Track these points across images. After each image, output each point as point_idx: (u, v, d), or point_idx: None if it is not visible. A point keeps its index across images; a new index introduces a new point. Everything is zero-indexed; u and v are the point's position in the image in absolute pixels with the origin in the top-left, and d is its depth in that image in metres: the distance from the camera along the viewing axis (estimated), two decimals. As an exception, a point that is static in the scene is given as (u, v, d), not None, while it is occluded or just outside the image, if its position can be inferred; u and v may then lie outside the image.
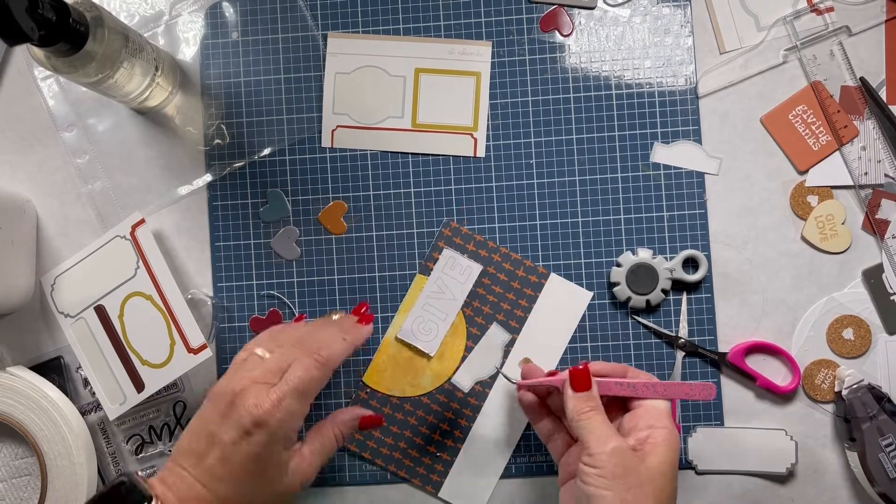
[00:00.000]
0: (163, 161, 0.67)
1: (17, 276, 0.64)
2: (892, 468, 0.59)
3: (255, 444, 0.47)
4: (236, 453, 0.47)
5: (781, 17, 0.64)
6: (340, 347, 0.53)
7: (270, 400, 0.48)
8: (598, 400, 0.51)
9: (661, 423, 0.50)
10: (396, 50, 0.66)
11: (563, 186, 0.65)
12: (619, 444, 0.48)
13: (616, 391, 0.53)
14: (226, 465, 0.48)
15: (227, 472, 0.48)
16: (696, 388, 0.53)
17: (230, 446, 0.48)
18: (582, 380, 0.52)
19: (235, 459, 0.47)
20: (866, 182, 0.64)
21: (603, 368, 0.54)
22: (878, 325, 0.64)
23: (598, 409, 0.51)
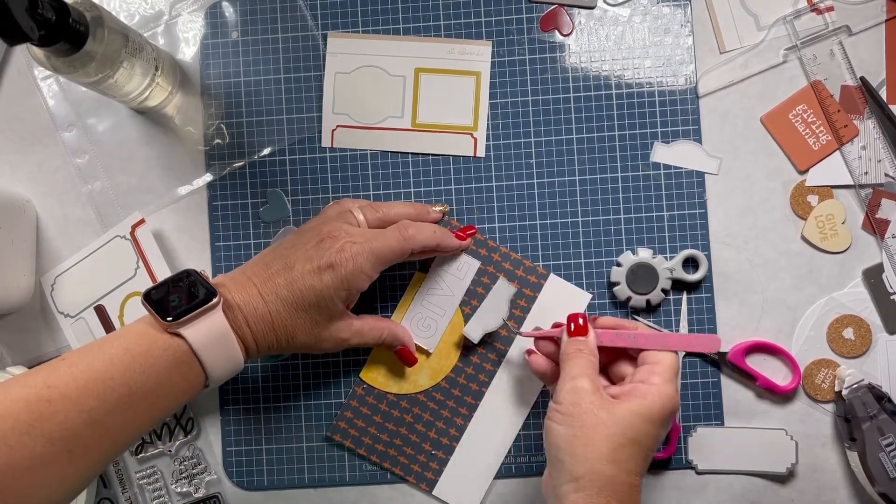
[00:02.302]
0: (163, 161, 0.67)
1: (17, 276, 0.64)
2: (892, 468, 0.59)
3: (323, 281, 0.52)
4: (304, 283, 0.52)
5: (781, 17, 0.64)
6: (427, 236, 0.58)
7: (351, 251, 0.53)
8: (590, 346, 0.53)
9: (653, 380, 0.50)
10: (396, 50, 0.66)
11: (563, 186, 0.65)
12: (581, 383, 0.50)
13: (616, 341, 0.53)
14: (291, 289, 0.52)
15: (289, 295, 0.52)
16: (700, 339, 0.54)
17: (302, 275, 0.53)
18: (577, 326, 0.54)
19: (301, 287, 0.52)
20: (866, 182, 0.64)
21: (611, 322, 0.56)
22: (879, 325, 0.64)
23: (586, 353, 0.52)
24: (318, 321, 0.54)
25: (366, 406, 0.65)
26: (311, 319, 0.53)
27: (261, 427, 0.66)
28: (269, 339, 0.53)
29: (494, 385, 0.65)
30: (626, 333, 0.53)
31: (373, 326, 0.59)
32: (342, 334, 0.56)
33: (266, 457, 0.66)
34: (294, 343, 0.54)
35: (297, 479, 0.66)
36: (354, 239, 0.54)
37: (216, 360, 0.49)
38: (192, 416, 0.66)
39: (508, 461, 0.65)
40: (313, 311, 0.53)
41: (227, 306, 0.51)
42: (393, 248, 0.55)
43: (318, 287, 0.52)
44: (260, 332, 0.52)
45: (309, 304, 0.53)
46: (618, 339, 0.53)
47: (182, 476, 0.66)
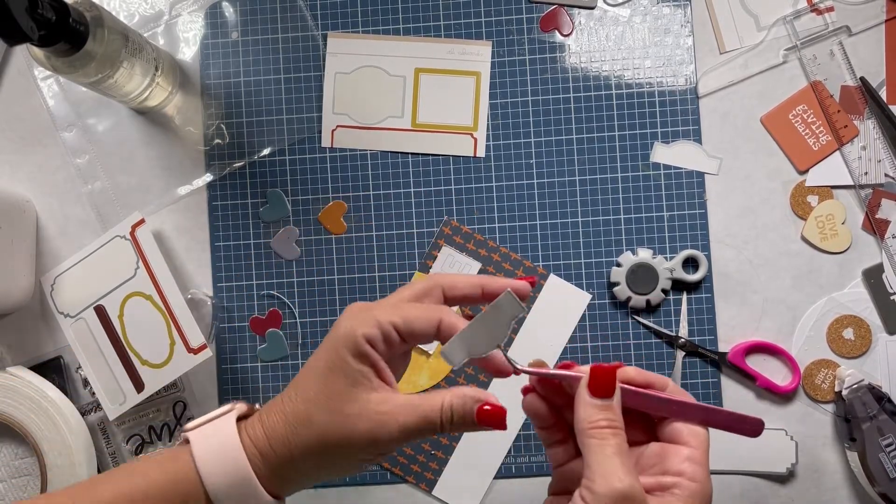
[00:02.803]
0: (163, 161, 0.67)
1: (17, 276, 0.64)
2: (892, 468, 0.59)
3: (330, 341, 0.41)
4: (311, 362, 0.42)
5: (781, 17, 0.64)
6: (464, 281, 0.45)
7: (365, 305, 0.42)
8: (618, 413, 0.40)
9: (695, 472, 0.39)
10: (396, 50, 0.66)
11: (563, 186, 0.65)
12: (629, 487, 0.37)
13: (645, 405, 0.41)
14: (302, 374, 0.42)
15: (300, 379, 0.42)
16: (746, 420, 0.43)
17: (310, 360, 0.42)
18: (604, 382, 0.40)
19: (311, 360, 0.42)
20: (866, 182, 0.64)
21: (639, 377, 0.42)
22: (879, 325, 0.64)
23: (617, 426, 0.39)
24: (336, 388, 0.40)
25: None
26: (326, 387, 0.40)
27: (261, 427, 0.66)
28: (279, 432, 0.41)
29: (494, 384, 0.65)
30: (658, 397, 0.41)
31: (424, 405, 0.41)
32: (380, 407, 0.40)
33: (266, 457, 0.66)
34: (312, 428, 0.40)
35: (297, 480, 0.66)
36: None
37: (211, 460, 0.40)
38: (192, 416, 0.66)
39: (508, 461, 0.65)
40: (328, 375, 0.40)
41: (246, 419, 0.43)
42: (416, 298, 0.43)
43: (324, 348, 0.41)
44: (270, 424, 0.41)
45: (320, 370, 0.41)
46: (648, 402, 0.41)
47: (182, 476, 0.66)
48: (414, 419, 0.40)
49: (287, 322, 0.66)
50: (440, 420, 0.40)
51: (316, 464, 0.41)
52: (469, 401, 0.40)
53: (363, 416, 0.39)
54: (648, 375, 0.42)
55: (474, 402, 0.40)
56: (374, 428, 0.39)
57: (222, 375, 0.66)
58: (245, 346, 0.66)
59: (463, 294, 0.44)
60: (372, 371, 0.40)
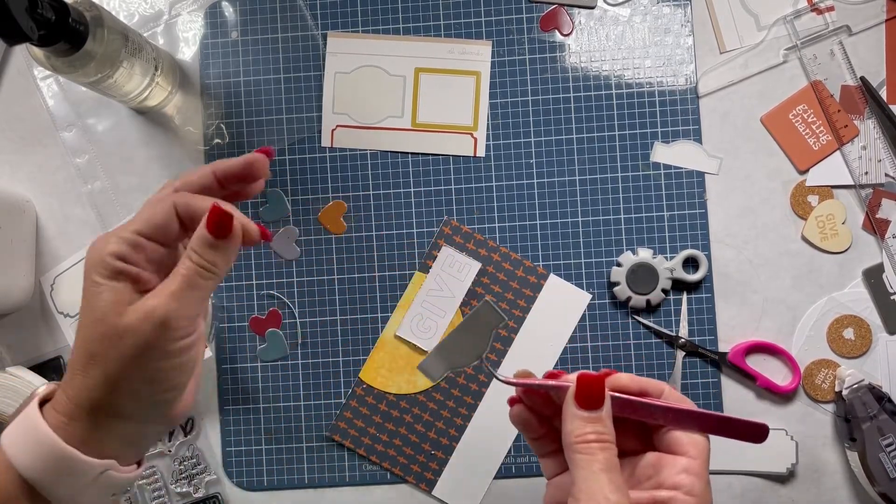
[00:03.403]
0: (163, 161, 0.67)
1: (17, 276, 0.64)
2: (892, 468, 0.59)
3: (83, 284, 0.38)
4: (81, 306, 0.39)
5: (782, 17, 0.64)
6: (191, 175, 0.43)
7: None
8: (608, 426, 0.37)
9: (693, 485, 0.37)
10: (396, 50, 0.66)
11: (563, 186, 0.65)
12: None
13: (640, 414, 0.38)
14: (78, 324, 0.39)
15: (77, 329, 0.39)
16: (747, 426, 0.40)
17: None
18: (592, 392, 0.37)
19: (80, 312, 0.39)
20: (867, 181, 0.64)
21: (632, 384, 0.40)
22: (879, 325, 0.64)
23: (606, 440, 0.37)
24: (102, 313, 0.37)
25: (365, 406, 0.65)
26: (94, 319, 0.37)
27: (261, 427, 0.66)
28: (77, 385, 0.37)
29: (494, 385, 0.65)
30: (652, 405, 0.38)
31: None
32: (148, 300, 0.37)
33: (266, 457, 0.66)
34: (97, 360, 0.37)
35: (296, 479, 0.66)
36: None
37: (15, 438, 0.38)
38: (192, 416, 0.66)
39: (508, 461, 0.65)
40: (91, 309, 0.38)
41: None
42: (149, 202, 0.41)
43: (83, 288, 0.39)
44: (67, 384, 0.38)
45: (85, 309, 0.38)
46: (640, 410, 0.38)
47: (182, 476, 0.66)
48: (176, 281, 0.38)
49: (287, 322, 0.66)
50: (194, 263, 0.38)
51: (130, 396, 0.38)
52: (198, 229, 0.39)
53: (135, 321, 0.37)
54: (642, 382, 0.40)
55: (202, 227, 0.39)
56: (149, 319, 0.36)
57: (222, 375, 0.66)
58: (245, 346, 0.66)
59: (198, 185, 0.41)
60: (129, 284, 0.38)
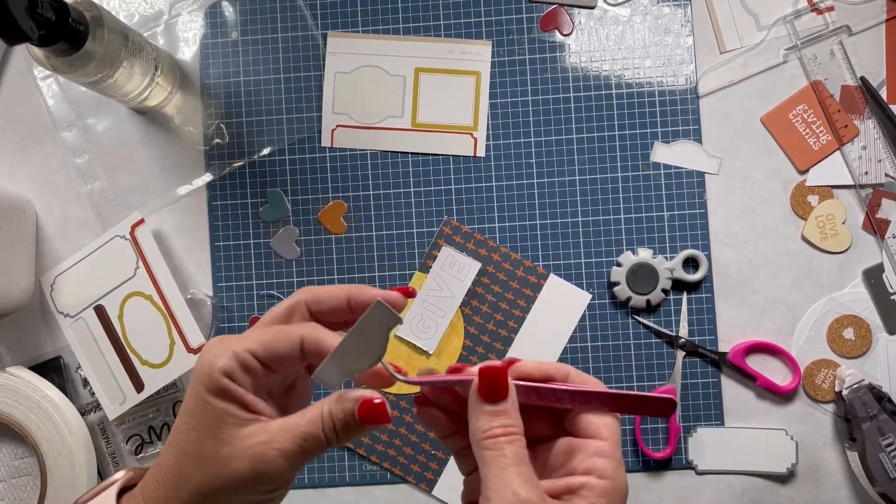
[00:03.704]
0: (163, 161, 0.67)
1: (17, 276, 0.64)
2: (892, 468, 0.59)
3: (188, 388, 0.37)
4: (180, 411, 0.38)
5: (782, 17, 0.64)
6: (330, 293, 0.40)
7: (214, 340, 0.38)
8: (515, 417, 0.36)
9: (605, 468, 0.36)
10: (396, 50, 0.66)
11: (563, 186, 0.65)
12: (524, 500, 0.34)
13: (546, 400, 0.38)
14: (174, 427, 0.38)
15: (172, 433, 0.37)
16: (655, 401, 0.39)
17: None
18: (494, 385, 0.36)
19: (178, 415, 0.38)
20: (867, 181, 0.64)
21: (535, 370, 0.39)
22: (879, 325, 0.64)
23: (512, 432, 0.36)
24: (204, 434, 0.36)
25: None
26: (194, 435, 0.36)
27: (261, 427, 0.66)
28: (160, 498, 0.37)
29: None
30: (559, 389, 0.37)
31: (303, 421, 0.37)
32: (253, 440, 0.36)
33: (266, 457, 0.66)
34: (190, 483, 0.36)
35: (296, 479, 0.66)
36: None
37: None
38: (192, 416, 0.66)
39: (508, 461, 0.65)
40: (192, 422, 0.36)
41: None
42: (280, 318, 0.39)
43: (188, 392, 0.37)
44: (149, 491, 0.37)
45: (185, 418, 0.37)
46: (548, 396, 0.37)
47: (182, 476, 0.66)
48: (294, 441, 0.36)
49: (287, 322, 0.66)
50: (323, 432, 0.36)
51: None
52: (348, 402, 0.37)
53: (237, 456, 0.35)
54: (546, 367, 0.39)
55: (354, 402, 0.36)
56: (253, 464, 0.35)
57: (222, 375, 0.66)
58: (245, 346, 0.66)
59: (330, 307, 0.40)
60: (236, 406, 0.36)
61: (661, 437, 0.64)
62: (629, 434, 0.64)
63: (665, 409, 0.39)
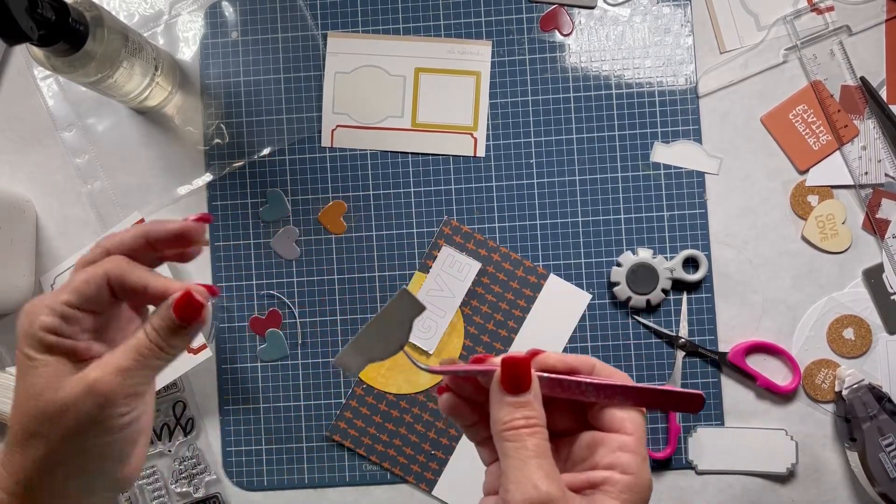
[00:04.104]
0: (163, 161, 0.67)
1: (17, 276, 0.64)
2: (892, 468, 0.59)
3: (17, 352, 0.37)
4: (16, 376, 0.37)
5: (782, 17, 0.64)
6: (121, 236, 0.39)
7: None
8: (537, 409, 0.35)
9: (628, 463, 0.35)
10: (396, 50, 0.66)
11: (563, 186, 0.65)
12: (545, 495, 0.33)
13: (571, 393, 0.37)
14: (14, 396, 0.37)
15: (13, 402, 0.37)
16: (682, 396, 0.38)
17: None
18: (517, 376, 0.35)
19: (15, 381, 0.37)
20: (867, 182, 0.64)
21: (559, 364, 0.38)
22: (879, 325, 0.64)
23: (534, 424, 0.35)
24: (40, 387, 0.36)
25: (365, 406, 0.65)
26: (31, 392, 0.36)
27: (261, 427, 0.66)
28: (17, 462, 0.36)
29: (494, 385, 0.65)
30: (584, 382, 0.36)
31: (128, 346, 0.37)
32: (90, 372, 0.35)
33: (266, 457, 0.66)
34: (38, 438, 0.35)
35: (297, 479, 0.66)
36: None
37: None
38: (192, 416, 0.66)
39: (508, 461, 0.65)
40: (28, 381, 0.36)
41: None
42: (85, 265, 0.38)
43: (17, 356, 0.37)
44: (6, 460, 0.36)
45: (20, 380, 0.37)
46: (572, 389, 0.36)
47: (182, 476, 0.66)
48: (127, 356, 0.36)
49: (287, 322, 0.66)
50: (154, 343, 0.36)
51: (73, 472, 0.36)
52: (162, 310, 0.37)
53: (75, 389, 0.35)
54: (571, 359, 0.38)
55: (167, 308, 0.37)
56: (90, 390, 0.35)
57: (222, 375, 0.66)
58: (245, 346, 0.66)
59: (129, 248, 0.38)
60: (66, 359, 0.36)
61: (661, 437, 0.65)
62: (629, 434, 0.64)
63: (693, 405, 0.38)
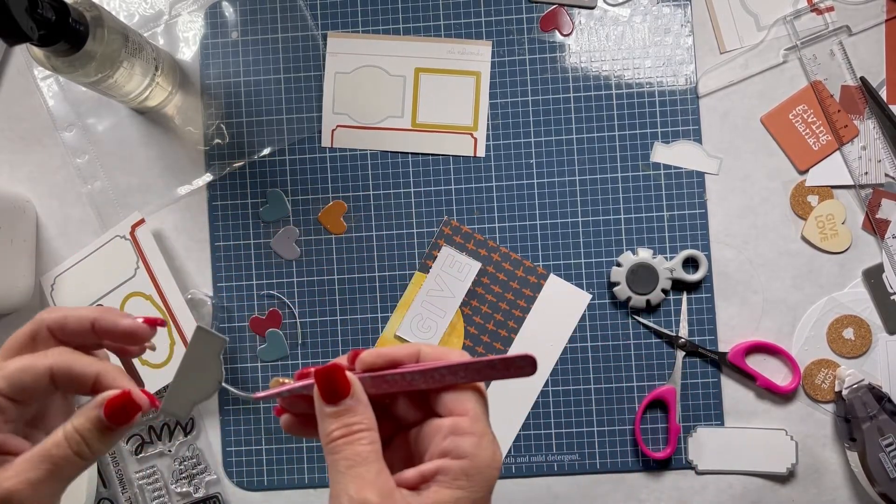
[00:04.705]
0: (163, 161, 0.67)
1: (17, 276, 0.64)
2: (892, 468, 0.59)
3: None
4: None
5: (781, 17, 0.64)
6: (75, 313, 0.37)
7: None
8: (361, 413, 0.34)
9: (460, 447, 0.34)
10: (396, 50, 0.66)
11: (563, 186, 0.65)
12: (359, 501, 0.32)
13: (399, 386, 0.36)
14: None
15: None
16: (511, 361, 0.36)
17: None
18: (332, 382, 0.34)
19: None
20: (866, 182, 0.64)
21: (379, 357, 0.36)
22: (879, 325, 0.64)
23: (357, 432, 0.34)
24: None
25: None
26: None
27: (261, 427, 0.66)
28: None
29: (493, 385, 0.65)
30: (404, 373, 0.36)
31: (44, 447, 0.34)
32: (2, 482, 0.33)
33: (266, 457, 0.66)
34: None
35: (297, 479, 0.66)
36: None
37: None
38: (192, 416, 0.66)
39: (508, 461, 0.65)
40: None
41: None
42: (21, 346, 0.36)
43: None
44: None
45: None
46: (392, 383, 0.36)
47: (182, 476, 0.66)
48: (41, 468, 0.33)
49: (287, 322, 0.66)
50: (72, 450, 0.34)
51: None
52: (92, 410, 0.34)
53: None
54: (390, 352, 0.37)
55: (96, 408, 0.34)
56: (7, 499, 0.32)
57: (222, 375, 0.66)
58: (245, 346, 0.67)
59: (73, 331, 0.36)
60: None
61: (661, 437, 0.65)
62: (629, 434, 0.64)
63: (524, 368, 0.36)
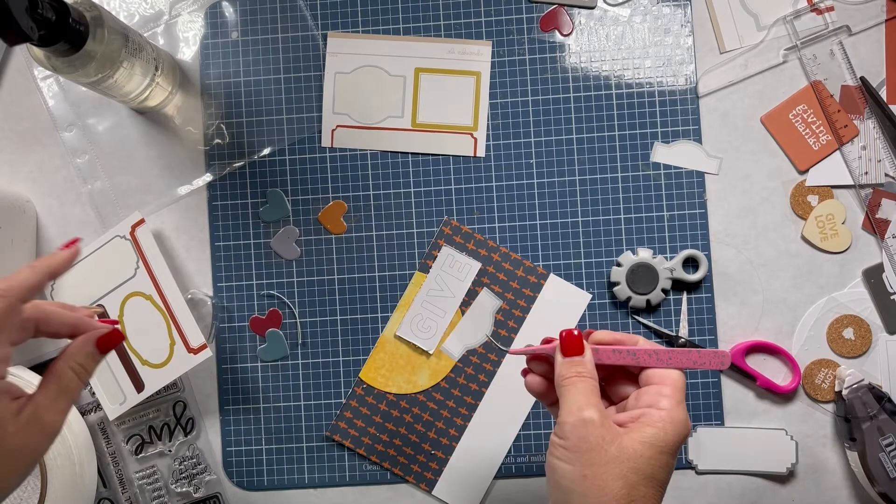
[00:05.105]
0: (163, 161, 0.67)
1: (17, 276, 0.64)
2: (892, 468, 0.59)
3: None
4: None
5: (781, 17, 0.64)
6: (24, 275, 0.44)
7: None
8: (588, 366, 0.46)
9: (662, 403, 0.44)
10: (396, 50, 0.66)
11: (563, 186, 0.65)
12: (588, 415, 0.43)
13: (614, 359, 0.47)
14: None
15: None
16: (705, 355, 0.47)
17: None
18: (572, 344, 0.46)
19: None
20: (866, 181, 0.64)
21: (608, 337, 0.49)
22: (879, 325, 0.64)
23: (584, 375, 0.45)
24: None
25: (365, 406, 0.65)
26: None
27: (261, 427, 0.66)
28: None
29: (494, 385, 0.65)
30: (627, 350, 0.47)
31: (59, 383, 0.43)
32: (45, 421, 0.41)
33: (266, 457, 0.66)
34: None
35: (297, 479, 0.66)
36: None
37: None
38: (192, 416, 0.66)
39: (508, 461, 0.65)
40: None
41: None
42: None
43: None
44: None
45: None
46: (617, 356, 0.47)
47: (182, 476, 0.66)
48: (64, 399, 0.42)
49: (287, 322, 0.66)
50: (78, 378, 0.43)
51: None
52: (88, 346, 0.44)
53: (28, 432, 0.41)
54: (618, 335, 0.48)
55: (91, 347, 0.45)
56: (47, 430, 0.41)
57: (222, 375, 0.66)
58: (245, 346, 0.67)
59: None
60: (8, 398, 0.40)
61: (661, 437, 0.64)
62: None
63: (717, 361, 0.47)
